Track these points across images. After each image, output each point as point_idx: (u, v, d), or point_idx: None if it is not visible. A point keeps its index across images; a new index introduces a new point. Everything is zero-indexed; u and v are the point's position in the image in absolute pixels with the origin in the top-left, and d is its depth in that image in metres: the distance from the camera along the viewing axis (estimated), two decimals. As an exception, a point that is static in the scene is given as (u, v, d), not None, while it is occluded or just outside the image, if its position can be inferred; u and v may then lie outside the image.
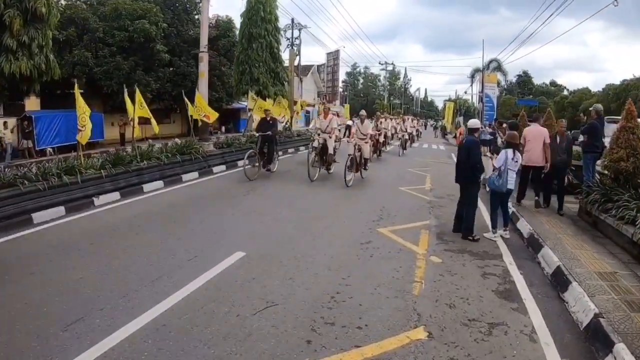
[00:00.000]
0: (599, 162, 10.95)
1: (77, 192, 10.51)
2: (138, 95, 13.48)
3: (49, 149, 23.41)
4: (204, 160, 15.68)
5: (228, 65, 33.44)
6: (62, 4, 28.25)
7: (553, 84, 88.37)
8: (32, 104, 26.77)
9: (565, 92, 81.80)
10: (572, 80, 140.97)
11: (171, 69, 31.69)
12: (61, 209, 9.64)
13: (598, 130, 10.71)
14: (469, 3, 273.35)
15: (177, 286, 5.73)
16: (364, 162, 15.19)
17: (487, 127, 31.50)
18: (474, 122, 9.25)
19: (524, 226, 9.34)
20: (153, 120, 14.32)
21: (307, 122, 58.23)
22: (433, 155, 27.54)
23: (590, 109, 11.28)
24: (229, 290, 5.69)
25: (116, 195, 11.28)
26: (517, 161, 8.78)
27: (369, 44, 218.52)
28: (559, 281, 6.45)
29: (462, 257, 7.52)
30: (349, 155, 13.70)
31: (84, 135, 12.15)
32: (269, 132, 14.61)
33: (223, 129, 38.79)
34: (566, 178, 11.06)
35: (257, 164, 14.80)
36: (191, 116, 16.80)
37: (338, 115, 20.07)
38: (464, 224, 8.67)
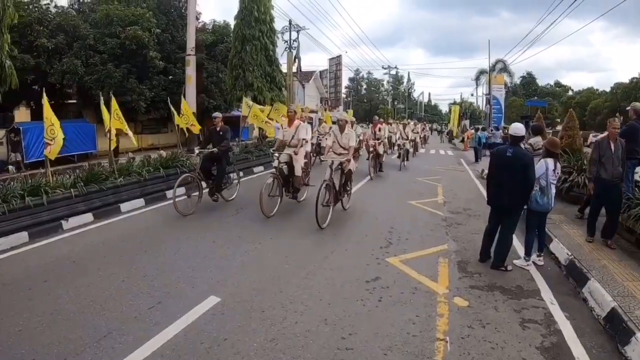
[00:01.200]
0: (638, 169, 9.47)
1: (44, 214, 9.22)
2: (114, 105, 12.03)
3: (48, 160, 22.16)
4: (188, 173, 13.50)
5: (225, 71, 31.46)
6: (52, 12, 27.36)
7: (558, 84, 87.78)
8: (22, 115, 25.84)
9: (570, 93, 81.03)
10: (575, 81, 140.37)
11: (170, 77, 30.44)
12: (24, 235, 8.38)
13: (639, 133, 9.03)
14: (470, 6, 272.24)
15: (125, 350, 4.40)
16: (344, 187, 10.74)
17: (495, 130, 30.51)
18: (518, 128, 7.24)
19: (559, 249, 7.86)
20: (129, 132, 12.81)
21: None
22: (441, 162, 25.79)
23: (629, 108, 9.42)
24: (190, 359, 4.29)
25: (89, 217, 9.97)
26: (558, 173, 7.37)
27: (372, 49, 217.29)
28: (616, 329, 5.06)
29: (493, 295, 6.07)
30: (324, 181, 9.60)
31: (53, 149, 10.84)
32: (215, 150, 10.79)
33: (221, 138, 36.27)
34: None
35: (196, 193, 10.99)
36: (177, 125, 15.26)
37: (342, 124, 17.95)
38: (497, 250, 7.19)
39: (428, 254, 7.71)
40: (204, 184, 11.30)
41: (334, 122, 17.51)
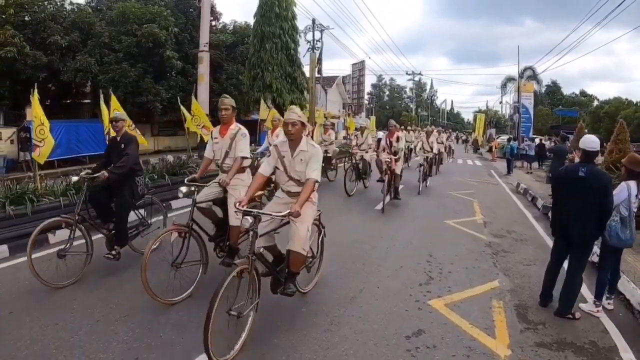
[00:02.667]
0: None
1: (28, 225, 7.88)
2: (113, 101, 10.72)
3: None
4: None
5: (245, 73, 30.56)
6: (66, 9, 26.58)
7: (583, 93, 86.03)
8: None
9: (596, 102, 79.26)
10: (599, 90, 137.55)
11: (189, 78, 29.33)
12: (3, 249, 7.30)
13: None
14: (494, 15, 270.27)
15: None
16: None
17: (530, 142, 28.95)
18: (593, 142, 5.74)
19: (630, 289, 6.39)
20: (137, 132, 11.46)
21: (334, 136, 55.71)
22: (471, 173, 24.06)
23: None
24: None
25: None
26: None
27: (395, 56, 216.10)
28: None
29: (565, 358, 4.67)
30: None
31: (42, 151, 9.65)
32: (102, 174, 6.43)
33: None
34: None
35: (67, 245, 6.23)
36: (187, 128, 13.89)
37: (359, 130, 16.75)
38: (564, 294, 5.71)
39: (478, 295, 6.25)
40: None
41: (356, 129, 16.39)
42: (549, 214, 11.90)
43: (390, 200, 12.38)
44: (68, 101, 30.51)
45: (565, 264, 5.90)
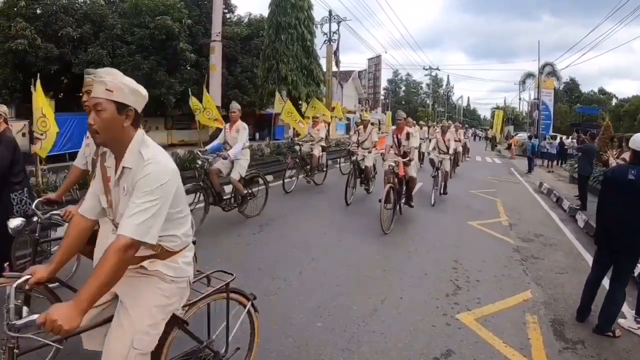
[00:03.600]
0: None
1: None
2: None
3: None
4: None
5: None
6: (79, 1, 26.34)
7: (602, 91, 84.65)
8: (46, 106, 24.53)
9: (615, 100, 78.28)
10: (618, 88, 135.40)
11: (203, 71, 28.88)
12: None
13: None
14: (512, 10, 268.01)
15: None
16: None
17: (552, 140, 28.24)
18: None
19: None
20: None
21: (347, 130, 55.17)
22: (491, 171, 23.35)
23: None
24: None
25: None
26: None
27: (412, 51, 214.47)
28: None
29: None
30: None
31: (44, 145, 9.18)
32: None
33: (257, 136, 34.72)
34: None
35: None
36: (198, 121, 13.32)
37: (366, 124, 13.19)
38: (606, 309, 5.10)
39: (510, 307, 5.65)
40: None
41: (357, 123, 15.24)
42: (577, 216, 11.33)
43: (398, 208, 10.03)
44: (81, 94, 30.17)
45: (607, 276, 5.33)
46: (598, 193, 5.67)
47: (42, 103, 9.11)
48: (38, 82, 9.29)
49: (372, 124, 13.53)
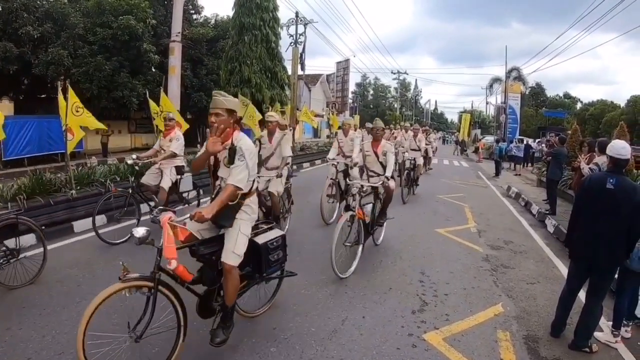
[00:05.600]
0: None
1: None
2: (72, 96, 9.58)
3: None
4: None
5: (227, 68, 29.61)
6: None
7: (567, 95, 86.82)
8: (4, 107, 23.79)
9: (579, 105, 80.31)
10: (583, 93, 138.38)
11: (165, 75, 28.38)
12: None
13: None
14: (482, 16, 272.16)
15: None
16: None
17: (519, 143, 28.29)
18: (623, 148, 4.77)
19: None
20: (96, 126, 10.24)
21: (315, 134, 54.89)
22: (459, 175, 23.18)
23: None
24: None
25: (30, 239, 7.35)
26: None
27: (381, 55, 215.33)
28: None
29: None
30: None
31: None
32: None
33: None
34: None
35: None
36: (157, 126, 12.72)
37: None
38: (583, 324, 4.86)
39: (480, 324, 5.34)
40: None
41: (339, 127, 14.76)
42: (546, 221, 11.16)
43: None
44: (43, 96, 29.28)
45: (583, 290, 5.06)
46: (569, 198, 5.40)
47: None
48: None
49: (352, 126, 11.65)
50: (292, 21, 27.87)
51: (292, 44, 26.63)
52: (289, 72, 25.15)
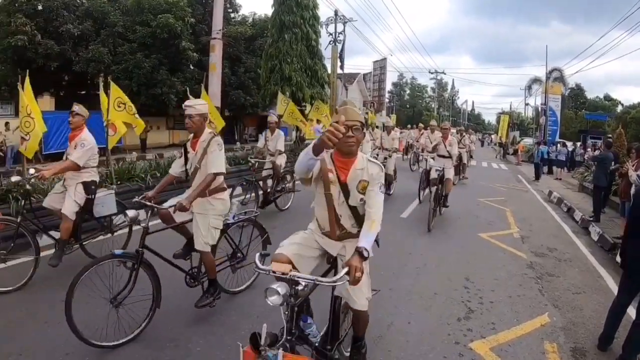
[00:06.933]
0: None
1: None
2: (115, 90, 9.67)
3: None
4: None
5: (265, 66, 29.69)
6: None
7: (607, 97, 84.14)
8: (45, 103, 24.25)
9: (620, 107, 77.99)
10: (624, 95, 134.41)
11: (205, 71, 28.60)
12: None
13: None
14: (520, 14, 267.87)
15: None
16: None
17: (561, 147, 27.64)
18: None
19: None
20: (137, 122, 10.35)
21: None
22: (499, 178, 22.56)
23: None
24: None
25: None
26: None
27: (418, 54, 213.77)
28: None
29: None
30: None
31: (29, 146, 8.67)
32: None
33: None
34: None
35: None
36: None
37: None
38: (631, 340, 4.56)
39: (527, 334, 5.13)
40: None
41: (376, 126, 14.76)
42: (590, 229, 10.83)
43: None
44: (83, 92, 29.87)
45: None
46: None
47: (29, 101, 8.60)
48: (27, 79, 8.79)
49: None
50: (331, 19, 27.76)
51: (331, 42, 26.52)
52: (328, 70, 25.00)
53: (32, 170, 6.82)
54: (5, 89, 24.32)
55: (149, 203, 4.71)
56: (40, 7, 24.22)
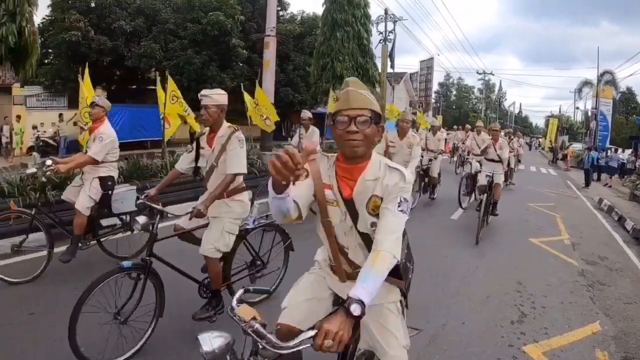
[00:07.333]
0: None
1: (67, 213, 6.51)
2: (170, 84, 9.97)
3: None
4: (261, 178, 10.48)
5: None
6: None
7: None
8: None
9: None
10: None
11: (254, 68, 28.98)
12: (41, 237, 6.09)
13: None
14: (569, 15, 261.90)
15: None
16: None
17: (613, 153, 27.02)
18: None
19: None
20: (191, 116, 10.68)
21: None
22: (547, 183, 22.06)
23: None
24: None
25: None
26: None
27: (465, 54, 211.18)
28: None
29: None
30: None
31: (87, 136, 8.97)
32: None
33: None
34: None
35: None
36: (250, 117, 12.98)
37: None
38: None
39: (578, 341, 5.10)
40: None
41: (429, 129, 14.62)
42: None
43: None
44: (134, 87, 30.67)
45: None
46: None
47: (88, 93, 8.93)
48: (87, 71, 9.15)
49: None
50: (382, 18, 27.74)
51: (381, 41, 26.54)
52: (379, 69, 24.96)
53: (48, 162, 6.14)
54: (59, 82, 25.11)
55: (157, 206, 4.23)
56: (93, 4, 25.08)
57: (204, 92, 4.36)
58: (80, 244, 6.13)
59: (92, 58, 23.48)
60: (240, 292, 2.30)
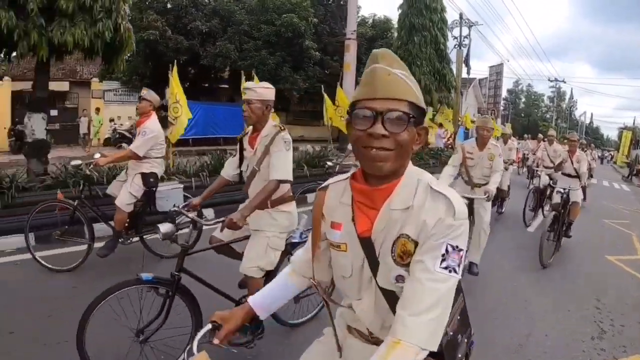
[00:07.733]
0: None
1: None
2: (255, 82, 10.34)
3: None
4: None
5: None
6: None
7: None
8: (173, 93, 26.22)
9: None
10: None
11: (326, 70, 29.40)
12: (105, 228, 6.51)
13: None
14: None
15: None
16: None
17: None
18: None
19: None
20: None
21: (466, 137, 53.69)
22: (621, 199, 21.07)
23: None
24: None
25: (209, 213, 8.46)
26: None
27: (535, 60, 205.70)
28: None
29: None
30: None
31: (175, 130, 9.45)
32: None
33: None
34: None
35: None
36: (330, 119, 13.25)
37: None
38: None
39: (663, 361, 5.07)
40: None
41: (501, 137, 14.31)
42: None
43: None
44: (206, 85, 31.58)
45: None
46: None
47: (177, 90, 9.38)
48: (175, 69, 9.65)
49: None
50: (456, 23, 27.54)
51: (456, 46, 26.39)
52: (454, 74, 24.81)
53: (97, 155, 6.24)
54: (136, 77, 26.24)
55: (190, 215, 3.71)
56: (169, 5, 26.17)
57: (247, 84, 3.95)
58: (121, 239, 6.22)
59: (169, 56, 24.36)
60: (206, 328, 1.79)
